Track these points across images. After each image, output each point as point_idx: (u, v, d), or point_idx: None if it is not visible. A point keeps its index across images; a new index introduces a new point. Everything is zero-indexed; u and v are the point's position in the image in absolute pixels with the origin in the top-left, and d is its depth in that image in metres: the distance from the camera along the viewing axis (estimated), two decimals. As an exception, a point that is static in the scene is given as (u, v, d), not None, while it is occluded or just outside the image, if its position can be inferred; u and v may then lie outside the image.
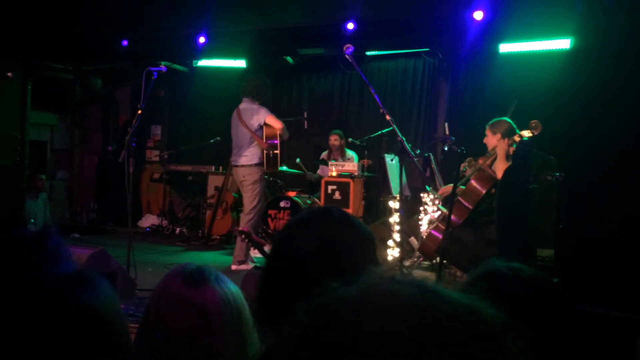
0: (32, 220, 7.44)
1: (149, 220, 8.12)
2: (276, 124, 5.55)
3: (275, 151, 5.56)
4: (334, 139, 6.84)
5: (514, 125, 4.43)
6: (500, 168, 4.21)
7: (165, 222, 7.80)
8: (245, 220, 5.50)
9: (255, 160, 5.53)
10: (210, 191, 7.46)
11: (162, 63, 5.85)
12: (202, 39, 5.75)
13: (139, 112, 4.46)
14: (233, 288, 1.27)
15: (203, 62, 7.63)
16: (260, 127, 5.57)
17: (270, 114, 5.59)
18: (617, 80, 3.35)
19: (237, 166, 5.62)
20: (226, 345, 1.20)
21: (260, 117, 5.55)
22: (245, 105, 5.65)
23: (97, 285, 1.05)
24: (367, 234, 1.26)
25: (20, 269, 1.41)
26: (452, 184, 3.73)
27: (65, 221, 8.61)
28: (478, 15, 4.78)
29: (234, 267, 5.37)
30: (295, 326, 0.50)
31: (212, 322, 1.19)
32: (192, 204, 7.97)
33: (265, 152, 5.53)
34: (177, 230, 7.64)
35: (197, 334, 1.19)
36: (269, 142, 5.54)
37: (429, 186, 5.02)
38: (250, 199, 5.52)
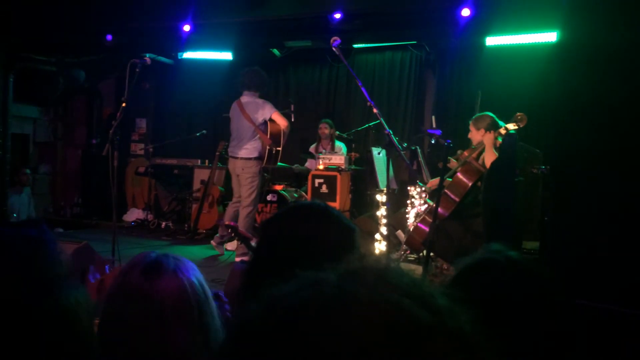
0: (15, 215, 7.33)
1: (134, 214, 8.04)
2: (282, 121, 5.61)
3: (278, 148, 5.62)
4: (324, 127, 6.82)
5: (497, 119, 4.45)
6: (489, 160, 4.22)
7: (150, 216, 7.74)
8: (245, 213, 5.56)
9: (255, 154, 5.57)
10: (196, 185, 7.40)
11: (147, 55, 5.79)
12: (187, 27, 5.70)
13: (123, 104, 4.41)
14: (195, 277, 1.21)
15: (189, 55, 7.55)
16: (265, 122, 5.60)
17: (276, 111, 5.63)
18: (604, 73, 3.35)
19: (235, 158, 5.64)
20: (182, 338, 1.16)
21: (265, 113, 5.59)
22: (248, 98, 5.65)
23: (69, 283, 1.01)
24: (346, 227, 1.26)
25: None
26: (439, 177, 3.73)
27: (48, 215, 8.50)
28: (465, 12, 4.81)
29: (238, 259, 5.49)
30: (243, 321, 0.50)
31: (167, 315, 1.15)
32: (178, 197, 7.89)
33: (268, 147, 5.57)
34: (163, 224, 7.57)
35: (149, 328, 1.14)
36: (273, 138, 5.58)
37: (419, 181, 5.03)
38: (249, 192, 5.57)
